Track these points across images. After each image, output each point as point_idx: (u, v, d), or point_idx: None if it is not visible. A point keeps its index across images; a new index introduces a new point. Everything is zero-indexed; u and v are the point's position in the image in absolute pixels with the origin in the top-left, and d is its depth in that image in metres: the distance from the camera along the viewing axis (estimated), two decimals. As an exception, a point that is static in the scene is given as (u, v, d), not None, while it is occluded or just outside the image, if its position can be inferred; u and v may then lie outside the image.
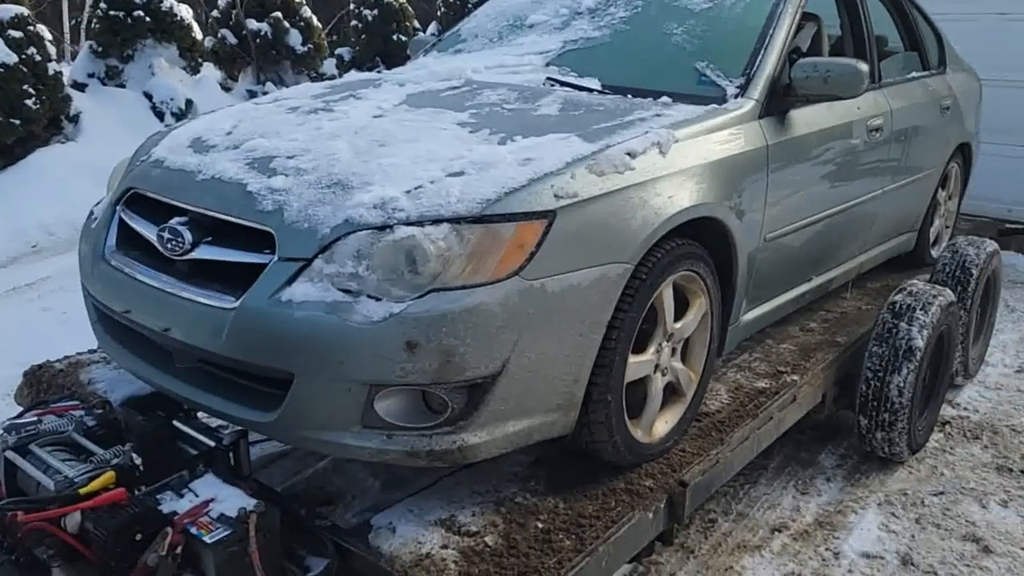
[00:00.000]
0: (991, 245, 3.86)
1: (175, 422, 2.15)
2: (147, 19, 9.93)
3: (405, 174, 1.98)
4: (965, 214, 5.18)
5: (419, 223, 1.85)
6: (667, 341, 2.33)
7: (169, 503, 1.85)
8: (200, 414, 2.28)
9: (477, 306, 1.81)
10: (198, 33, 10.72)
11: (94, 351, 2.91)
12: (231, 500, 1.85)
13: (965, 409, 3.78)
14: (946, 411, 3.68)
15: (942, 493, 3.09)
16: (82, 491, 1.83)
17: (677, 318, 2.35)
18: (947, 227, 4.64)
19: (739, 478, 3.01)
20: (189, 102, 9.93)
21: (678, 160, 2.29)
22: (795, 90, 2.75)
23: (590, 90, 2.72)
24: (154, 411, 2.26)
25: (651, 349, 2.28)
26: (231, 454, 2.04)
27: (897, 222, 3.94)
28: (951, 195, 4.57)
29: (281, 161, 2.09)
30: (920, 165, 3.92)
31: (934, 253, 4.43)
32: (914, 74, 4.00)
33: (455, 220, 1.86)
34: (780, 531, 2.88)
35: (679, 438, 2.45)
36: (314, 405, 1.87)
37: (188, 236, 2.01)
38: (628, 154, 2.15)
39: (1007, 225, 6.01)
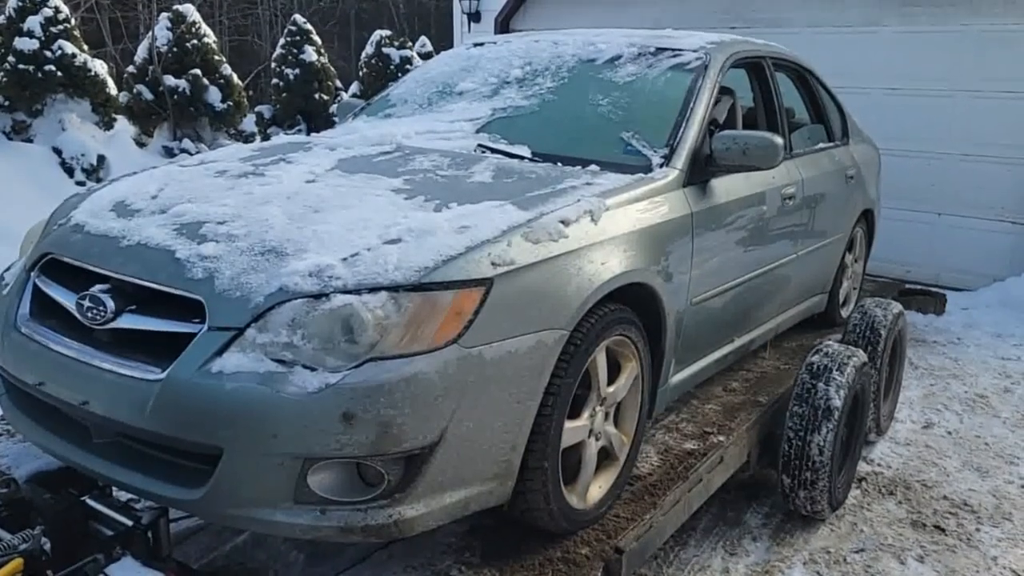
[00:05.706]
0: (896, 307, 4.07)
1: (88, 500, 2.03)
2: (58, 73, 9.66)
3: (341, 241, 1.96)
4: (869, 275, 5.45)
5: (356, 291, 1.83)
6: (600, 406, 2.35)
7: (83, 590, 1.74)
8: (116, 491, 2.16)
9: (415, 375, 1.79)
10: (112, 88, 10.47)
11: (-4, 423, 2.74)
12: (151, 585, 1.74)
13: (879, 465, 3.92)
14: (861, 467, 3.80)
15: (863, 550, 3.18)
16: (-15, 581, 1.70)
17: (610, 382, 2.37)
18: (855, 288, 4.88)
19: (669, 540, 3.01)
20: (101, 158, 9.64)
21: (609, 228, 2.35)
22: (716, 160, 2.87)
23: (520, 157, 2.77)
24: (64, 488, 2.12)
25: (585, 414, 2.29)
26: (150, 534, 1.94)
27: (810, 284, 4.12)
28: (857, 258, 4.82)
29: (211, 227, 2.04)
30: (829, 230, 4.13)
31: (844, 313, 4.64)
32: (821, 145, 4.23)
33: (393, 288, 1.84)
34: (711, 594, 2.89)
35: (613, 503, 2.45)
36: (244, 481, 1.80)
37: (110, 304, 1.92)
38: (562, 222, 2.19)
39: (907, 285, 6.38)
